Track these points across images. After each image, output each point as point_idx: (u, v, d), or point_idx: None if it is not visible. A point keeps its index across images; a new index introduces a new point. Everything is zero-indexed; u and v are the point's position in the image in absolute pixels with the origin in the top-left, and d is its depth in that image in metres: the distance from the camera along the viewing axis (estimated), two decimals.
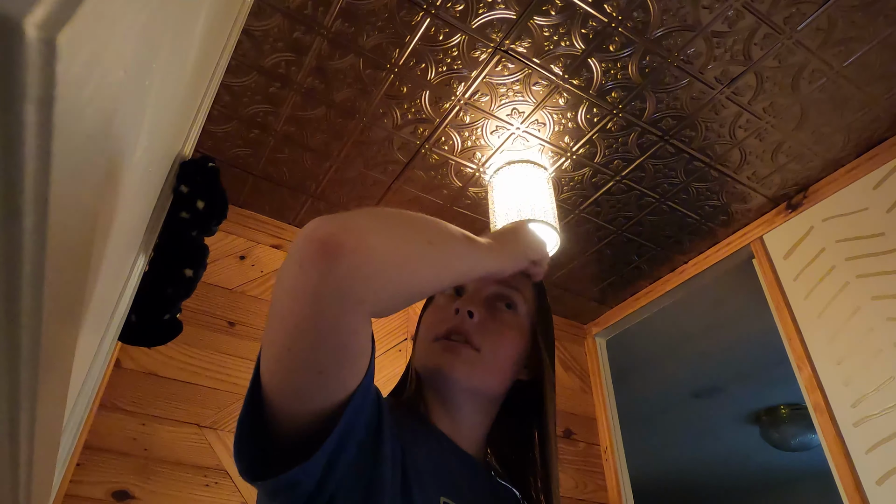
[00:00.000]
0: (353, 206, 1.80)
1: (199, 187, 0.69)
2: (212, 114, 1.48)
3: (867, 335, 1.47)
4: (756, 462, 3.80)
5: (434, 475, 0.58)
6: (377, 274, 0.44)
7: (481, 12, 1.26)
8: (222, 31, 0.76)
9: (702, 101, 1.45)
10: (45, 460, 0.46)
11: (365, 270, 0.43)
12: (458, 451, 0.65)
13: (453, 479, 0.61)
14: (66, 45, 0.19)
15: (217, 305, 1.65)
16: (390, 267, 0.45)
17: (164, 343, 0.71)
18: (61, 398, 0.44)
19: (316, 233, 0.42)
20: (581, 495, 1.97)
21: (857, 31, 1.28)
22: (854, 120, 1.51)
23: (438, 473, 0.59)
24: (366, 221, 0.46)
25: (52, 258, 0.26)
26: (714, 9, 1.24)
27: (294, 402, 0.47)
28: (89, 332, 0.49)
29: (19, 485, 0.40)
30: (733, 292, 2.12)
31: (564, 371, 2.23)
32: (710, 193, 1.73)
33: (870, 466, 1.39)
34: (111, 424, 1.37)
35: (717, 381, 2.84)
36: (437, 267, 0.51)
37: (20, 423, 0.33)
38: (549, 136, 1.56)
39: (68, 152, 0.24)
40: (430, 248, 0.50)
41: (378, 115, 1.50)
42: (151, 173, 0.53)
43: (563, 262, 2.01)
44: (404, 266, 0.47)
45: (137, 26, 0.30)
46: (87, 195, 0.31)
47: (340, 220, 0.44)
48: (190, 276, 0.70)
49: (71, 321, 0.37)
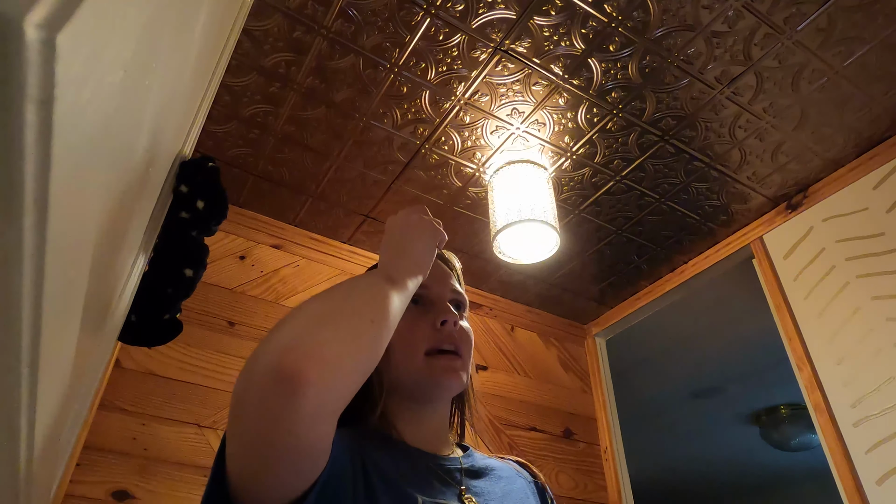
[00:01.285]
0: (353, 206, 1.81)
1: (199, 187, 0.69)
2: (212, 114, 1.48)
3: (867, 335, 1.47)
4: (756, 462, 3.80)
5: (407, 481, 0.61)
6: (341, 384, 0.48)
7: (481, 12, 1.26)
8: (222, 31, 0.76)
9: (702, 101, 1.45)
10: (44, 460, 0.46)
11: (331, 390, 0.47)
12: (426, 455, 0.68)
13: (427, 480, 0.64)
14: (66, 45, 0.19)
15: (217, 305, 1.65)
16: (351, 371, 0.49)
17: (164, 343, 0.71)
18: (61, 398, 0.44)
19: (278, 367, 0.45)
20: (581, 495, 1.97)
21: (857, 31, 1.28)
22: (854, 120, 1.51)
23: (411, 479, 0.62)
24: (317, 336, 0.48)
25: (52, 258, 0.26)
26: (714, 9, 1.24)
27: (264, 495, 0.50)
28: (89, 332, 0.49)
29: (19, 485, 0.40)
30: (733, 292, 2.12)
31: (564, 371, 2.24)
32: (710, 193, 1.73)
33: (870, 466, 1.39)
34: (111, 424, 1.37)
35: (717, 381, 2.84)
36: (384, 338, 0.54)
37: (20, 423, 0.33)
38: (549, 136, 1.56)
39: (68, 152, 0.24)
40: (374, 327, 0.53)
41: (378, 115, 1.50)
42: (151, 173, 0.53)
43: (563, 262, 2.01)
44: (362, 362, 0.51)
45: (137, 26, 0.30)
46: (87, 195, 0.31)
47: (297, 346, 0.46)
48: (190, 276, 0.70)
49: (71, 321, 0.37)
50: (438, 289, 0.75)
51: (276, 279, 1.79)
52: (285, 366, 0.45)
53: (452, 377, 0.69)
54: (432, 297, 0.74)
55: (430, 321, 0.72)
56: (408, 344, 0.70)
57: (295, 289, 1.81)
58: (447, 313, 0.72)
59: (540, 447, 1.99)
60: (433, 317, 0.72)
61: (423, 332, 0.71)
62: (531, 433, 2.00)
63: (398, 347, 0.70)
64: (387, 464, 0.62)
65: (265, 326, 1.69)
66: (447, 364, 0.69)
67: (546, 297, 2.21)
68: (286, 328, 0.49)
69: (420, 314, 0.73)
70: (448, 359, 0.70)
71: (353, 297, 0.56)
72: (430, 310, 0.73)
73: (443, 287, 0.75)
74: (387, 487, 0.58)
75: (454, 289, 0.76)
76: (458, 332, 0.72)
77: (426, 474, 0.65)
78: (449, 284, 0.76)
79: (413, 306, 0.72)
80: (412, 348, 0.70)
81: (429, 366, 0.69)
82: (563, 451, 2.03)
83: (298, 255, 1.87)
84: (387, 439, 0.68)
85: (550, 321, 2.31)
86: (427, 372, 0.69)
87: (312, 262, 1.88)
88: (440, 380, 0.68)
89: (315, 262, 1.89)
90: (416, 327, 0.71)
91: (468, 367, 0.72)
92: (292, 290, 1.80)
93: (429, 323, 0.72)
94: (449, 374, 0.69)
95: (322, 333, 0.49)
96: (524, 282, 2.13)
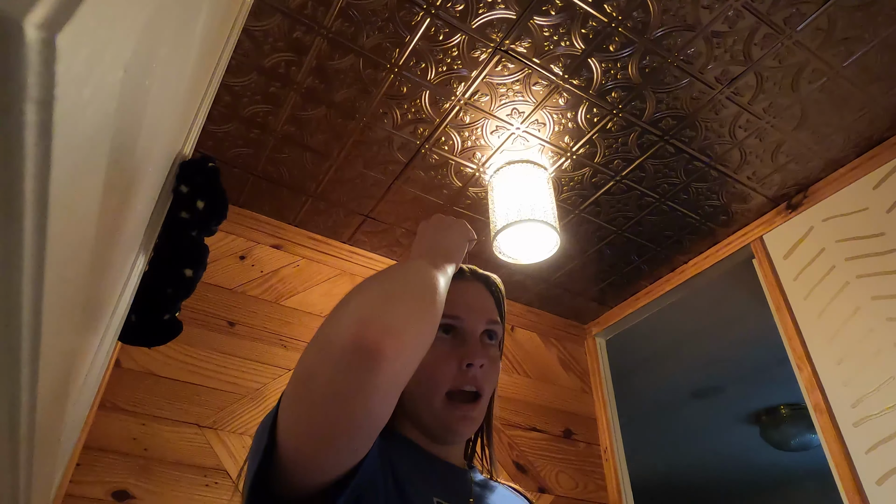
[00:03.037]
0: (353, 206, 1.80)
1: (199, 187, 0.69)
2: (212, 114, 1.48)
3: (867, 335, 1.47)
4: (756, 462, 3.80)
5: (423, 480, 0.63)
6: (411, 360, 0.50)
7: (481, 12, 1.26)
8: (222, 31, 0.76)
9: (702, 101, 1.45)
10: (44, 460, 0.46)
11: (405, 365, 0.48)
12: (436, 460, 0.70)
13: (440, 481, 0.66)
14: (66, 45, 0.19)
15: (217, 305, 1.65)
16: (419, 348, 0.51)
17: (164, 343, 0.71)
18: (61, 398, 0.44)
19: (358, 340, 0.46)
20: (581, 495, 1.97)
21: (857, 31, 1.28)
22: (854, 120, 1.51)
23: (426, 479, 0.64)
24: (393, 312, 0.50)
25: (52, 258, 0.26)
26: (714, 9, 1.24)
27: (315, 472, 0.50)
28: (89, 332, 0.49)
29: (19, 485, 0.40)
30: (733, 292, 2.12)
31: (564, 371, 2.24)
32: (710, 193, 1.73)
33: (870, 466, 1.39)
34: (111, 424, 1.37)
35: (717, 381, 2.84)
36: (439, 319, 0.56)
37: (20, 423, 0.33)
38: (549, 136, 1.56)
39: (68, 152, 0.24)
40: (435, 307, 0.55)
41: (378, 115, 1.50)
42: (151, 173, 0.53)
43: (563, 262, 2.01)
44: (426, 340, 0.52)
45: (137, 26, 0.30)
46: (87, 195, 0.31)
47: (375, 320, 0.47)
48: (190, 276, 0.70)
49: (71, 321, 0.37)
50: (473, 322, 0.73)
51: (276, 279, 1.79)
52: (366, 339, 0.45)
53: (467, 426, 0.69)
54: (465, 330, 0.72)
55: (458, 358, 0.70)
56: (431, 379, 0.69)
57: (295, 289, 1.81)
58: (475, 356, 0.70)
59: (540, 447, 1.99)
60: (462, 353, 0.70)
61: (449, 370, 0.69)
62: (531, 433, 2.00)
63: (421, 380, 0.68)
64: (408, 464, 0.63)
65: (265, 326, 1.69)
66: (464, 414, 0.68)
67: (546, 297, 2.21)
68: (359, 303, 0.50)
69: (449, 348, 0.71)
70: (467, 408, 0.69)
71: (413, 279, 0.57)
72: (461, 344, 0.71)
73: (478, 319, 0.73)
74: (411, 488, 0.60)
75: (490, 318, 0.74)
76: (483, 372, 0.70)
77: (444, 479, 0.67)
78: (485, 315, 0.74)
79: (443, 336, 0.71)
80: (435, 385, 0.69)
81: (447, 410, 0.68)
82: (563, 451, 2.03)
83: (298, 255, 1.87)
84: (406, 442, 0.69)
85: (550, 321, 2.31)
86: (444, 416, 0.68)
87: (312, 262, 1.88)
88: (455, 427, 0.68)
89: (315, 262, 1.89)
90: (442, 363, 0.69)
91: (484, 406, 0.71)
92: (292, 290, 1.80)
93: (456, 360, 0.70)
94: (464, 423, 0.68)
95: (397, 309, 0.50)
96: (524, 282, 2.13)
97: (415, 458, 0.67)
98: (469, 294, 0.75)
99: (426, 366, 0.68)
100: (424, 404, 0.69)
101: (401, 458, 0.63)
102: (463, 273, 0.78)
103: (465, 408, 0.69)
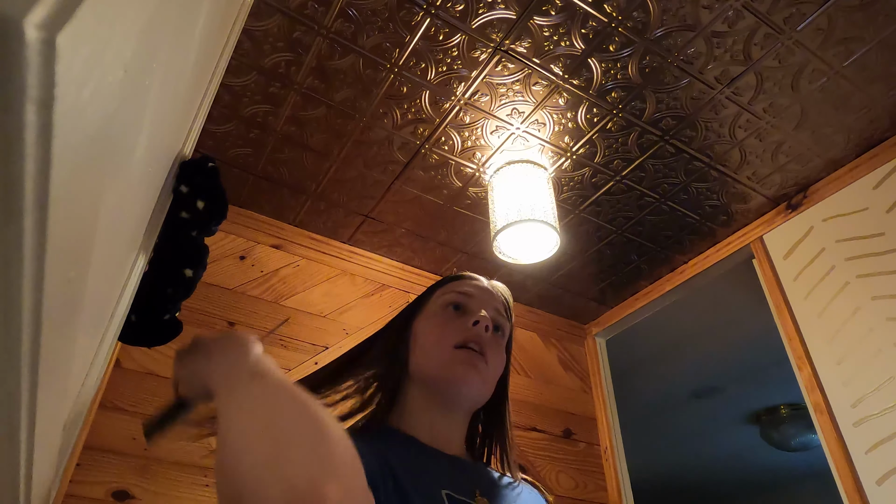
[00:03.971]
0: (353, 206, 1.80)
1: (199, 187, 0.69)
2: (212, 114, 1.48)
3: (867, 335, 1.47)
4: (756, 462, 3.80)
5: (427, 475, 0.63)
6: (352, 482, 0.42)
7: (481, 12, 1.26)
8: (222, 31, 0.76)
9: (702, 101, 1.45)
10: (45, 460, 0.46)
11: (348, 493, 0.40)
12: (439, 454, 0.70)
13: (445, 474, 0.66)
14: (66, 45, 0.19)
15: (217, 305, 1.65)
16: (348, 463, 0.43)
17: (164, 343, 0.71)
18: (61, 398, 0.44)
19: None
20: (581, 495, 1.97)
21: (857, 31, 1.28)
22: (854, 120, 1.51)
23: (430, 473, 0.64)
24: (329, 461, 0.41)
25: (52, 258, 0.26)
26: (714, 9, 1.24)
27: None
28: (89, 332, 0.49)
29: (19, 485, 0.40)
30: (733, 292, 2.12)
31: (564, 371, 2.23)
32: (710, 193, 1.73)
33: (870, 466, 1.39)
34: (111, 424, 1.37)
35: (717, 381, 2.84)
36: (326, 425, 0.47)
37: (20, 423, 0.33)
38: (549, 136, 1.56)
39: (68, 152, 0.24)
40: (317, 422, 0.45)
41: (378, 115, 1.50)
42: (151, 173, 0.53)
43: (563, 262, 2.01)
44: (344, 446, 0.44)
45: (137, 26, 0.30)
46: (87, 195, 0.31)
47: (326, 476, 0.39)
48: (190, 276, 0.69)
49: (71, 321, 0.37)
50: (480, 302, 0.77)
51: (276, 279, 1.79)
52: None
53: (473, 374, 0.70)
54: (473, 306, 0.76)
55: (465, 321, 0.74)
56: (440, 337, 0.73)
57: (295, 289, 1.81)
58: (482, 316, 0.74)
59: (540, 447, 1.99)
60: (468, 318, 0.74)
61: (456, 330, 0.73)
62: (531, 433, 2.00)
63: (430, 340, 0.73)
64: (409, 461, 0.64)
65: (265, 326, 1.69)
66: (468, 357, 0.71)
67: (546, 297, 2.21)
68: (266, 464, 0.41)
69: (457, 317, 0.76)
70: (473, 354, 0.71)
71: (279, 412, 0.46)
72: (468, 315, 0.75)
73: (486, 301, 0.78)
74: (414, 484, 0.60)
75: (497, 309, 0.78)
76: (489, 338, 0.74)
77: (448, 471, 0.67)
78: (493, 304, 0.78)
79: (453, 311, 0.76)
80: (443, 340, 0.73)
81: (454, 357, 0.71)
82: (563, 451, 2.03)
83: (298, 255, 1.87)
84: (406, 439, 0.70)
85: (550, 321, 2.30)
86: (450, 363, 0.71)
87: (312, 262, 1.88)
88: (460, 372, 0.70)
89: (315, 262, 1.89)
90: (450, 326, 0.74)
91: (489, 379, 0.73)
92: (292, 290, 1.80)
93: (462, 323, 0.74)
94: (468, 369, 0.70)
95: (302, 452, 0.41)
96: (524, 282, 2.13)
97: (415, 454, 0.67)
98: (482, 287, 0.80)
99: (434, 328, 0.73)
100: (433, 358, 0.72)
101: (400, 456, 0.63)
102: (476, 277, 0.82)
103: (473, 354, 0.71)
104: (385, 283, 2.00)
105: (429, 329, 0.76)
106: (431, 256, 2.02)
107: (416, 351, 0.74)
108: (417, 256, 2.02)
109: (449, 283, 0.82)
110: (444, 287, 0.81)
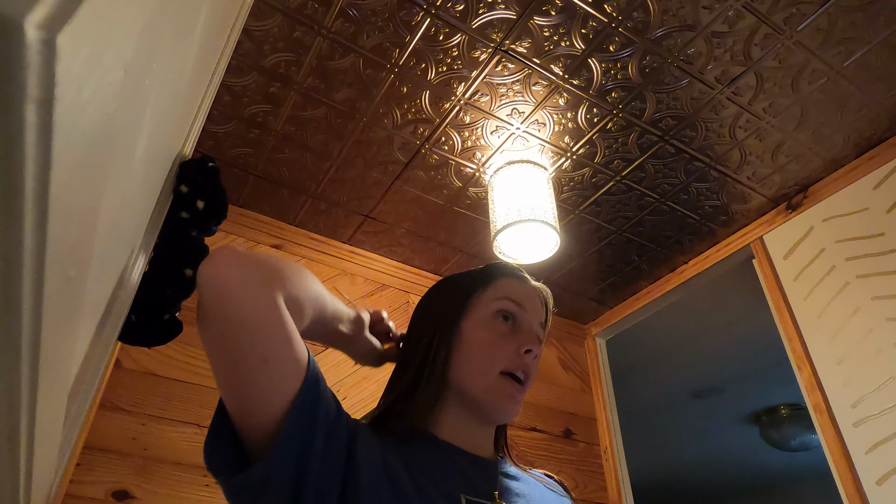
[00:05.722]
0: (353, 206, 1.81)
1: (199, 187, 0.69)
2: (212, 114, 1.48)
3: (867, 335, 1.47)
4: (756, 462, 3.80)
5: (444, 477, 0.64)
6: None
7: (481, 12, 1.26)
8: (222, 31, 0.76)
9: (702, 101, 1.45)
10: (44, 460, 0.46)
11: None
12: (466, 455, 0.70)
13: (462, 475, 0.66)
14: (66, 45, 0.19)
15: None
16: None
17: (164, 343, 0.71)
18: (61, 398, 0.44)
19: None
20: (581, 495, 1.97)
21: (857, 31, 1.28)
22: (854, 120, 1.51)
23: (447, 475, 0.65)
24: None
25: (52, 258, 0.26)
26: (714, 9, 1.24)
27: (247, 405, 0.56)
28: (89, 331, 0.49)
29: (19, 485, 0.40)
30: (733, 292, 2.12)
31: (564, 371, 2.23)
32: (710, 193, 1.73)
33: (870, 466, 1.39)
34: (111, 424, 1.37)
35: (717, 381, 2.84)
36: None
37: (20, 423, 0.33)
38: (549, 137, 1.56)
39: (68, 152, 0.24)
40: None
41: (378, 115, 1.50)
42: (151, 173, 0.53)
43: (563, 262, 2.01)
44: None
45: (137, 26, 0.30)
46: (87, 195, 0.31)
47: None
48: (190, 276, 0.70)
49: (71, 321, 0.37)
50: (531, 315, 0.77)
51: None
52: None
53: (512, 404, 0.71)
54: (524, 321, 0.76)
55: (517, 343, 0.73)
56: (489, 356, 0.72)
57: None
58: (534, 343, 0.74)
59: (540, 447, 1.99)
60: (521, 340, 0.74)
61: (507, 352, 0.73)
62: (531, 433, 2.00)
63: (478, 356, 0.72)
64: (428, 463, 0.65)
65: None
66: (511, 390, 0.71)
67: None
68: None
69: (508, 332, 0.74)
70: (517, 388, 0.72)
71: None
72: (519, 333, 0.75)
73: (536, 314, 0.78)
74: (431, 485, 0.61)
75: (541, 321, 0.79)
76: (534, 365, 0.75)
77: (467, 473, 0.67)
78: (539, 316, 0.79)
79: (504, 322, 0.75)
80: (492, 362, 0.72)
81: (500, 386, 0.71)
82: (563, 452, 2.03)
83: (298, 255, 1.87)
84: (430, 439, 0.70)
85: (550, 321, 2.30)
86: (496, 391, 0.71)
87: (312, 262, 1.88)
88: (501, 402, 0.71)
89: (315, 262, 1.89)
90: (502, 344, 0.73)
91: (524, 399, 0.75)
92: None
93: (515, 344, 0.73)
94: (510, 400, 0.71)
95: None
96: None
97: (436, 454, 0.68)
98: (532, 292, 0.80)
99: (484, 344, 0.72)
100: (477, 378, 0.71)
101: (419, 457, 0.64)
102: (524, 276, 0.82)
103: (517, 387, 0.72)
104: (385, 283, 2.00)
105: (477, 343, 0.73)
106: (431, 256, 2.02)
107: (460, 358, 0.72)
108: (417, 256, 2.02)
109: (500, 281, 0.79)
110: (495, 286, 0.78)
